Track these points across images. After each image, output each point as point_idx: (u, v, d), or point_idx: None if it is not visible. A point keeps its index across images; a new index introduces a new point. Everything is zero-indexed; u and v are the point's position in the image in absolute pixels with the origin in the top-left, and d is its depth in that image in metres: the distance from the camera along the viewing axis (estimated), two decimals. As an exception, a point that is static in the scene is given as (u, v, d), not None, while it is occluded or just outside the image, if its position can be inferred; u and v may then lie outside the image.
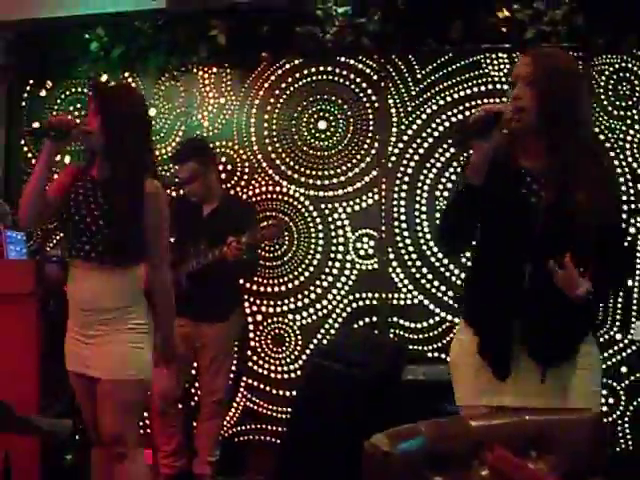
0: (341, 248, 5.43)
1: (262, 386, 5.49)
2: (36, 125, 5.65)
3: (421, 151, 5.37)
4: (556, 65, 2.74)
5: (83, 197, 3.37)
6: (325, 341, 5.38)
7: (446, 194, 5.30)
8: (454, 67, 5.36)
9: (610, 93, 5.15)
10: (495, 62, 5.30)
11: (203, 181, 5.09)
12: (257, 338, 5.51)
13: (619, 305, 5.04)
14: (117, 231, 3.27)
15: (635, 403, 5.05)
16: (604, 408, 4.91)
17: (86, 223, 3.31)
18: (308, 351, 5.39)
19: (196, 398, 5.44)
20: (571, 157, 2.65)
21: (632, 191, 5.08)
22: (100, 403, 3.33)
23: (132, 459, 3.36)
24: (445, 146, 5.33)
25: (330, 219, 5.47)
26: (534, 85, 2.68)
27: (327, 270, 5.45)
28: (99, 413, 3.34)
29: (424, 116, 5.38)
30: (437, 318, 5.26)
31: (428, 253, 5.30)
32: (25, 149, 6.00)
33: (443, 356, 5.18)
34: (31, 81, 6.01)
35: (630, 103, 5.14)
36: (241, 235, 4.66)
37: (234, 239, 4.64)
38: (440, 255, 5.27)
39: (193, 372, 5.32)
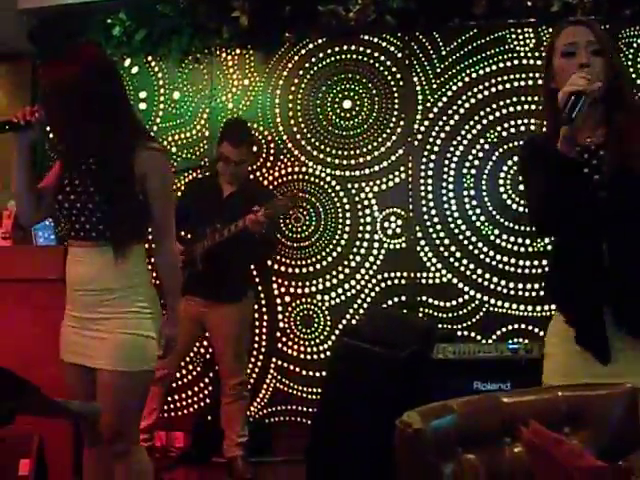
0: (368, 227, 5.42)
1: (292, 367, 5.50)
2: None
3: (447, 128, 5.33)
4: (608, 35, 2.71)
5: (78, 175, 3.14)
6: (354, 321, 5.38)
7: (473, 171, 5.27)
8: (479, 43, 5.32)
9: (639, 66, 5.07)
10: (520, 37, 5.25)
11: (247, 165, 5.20)
12: (286, 319, 5.52)
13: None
14: (111, 207, 3.06)
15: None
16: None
17: (83, 201, 3.09)
18: (337, 331, 5.39)
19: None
20: (629, 126, 2.60)
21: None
22: (101, 396, 3.07)
23: (133, 456, 3.15)
24: (472, 122, 5.29)
25: (357, 199, 5.45)
26: (600, 53, 2.62)
27: (355, 250, 5.43)
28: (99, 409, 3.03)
29: (450, 93, 5.34)
30: (466, 296, 5.23)
31: (456, 231, 5.27)
32: (50, 136, 6.01)
33: (473, 334, 5.16)
34: (55, 67, 6.03)
35: (659, 75, 5.08)
36: (258, 210, 4.66)
37: (259, 209, 4.65)
38: (468, 233, 5.24)
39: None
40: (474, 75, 5.31)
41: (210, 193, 5.11)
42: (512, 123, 5.22)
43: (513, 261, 5.16)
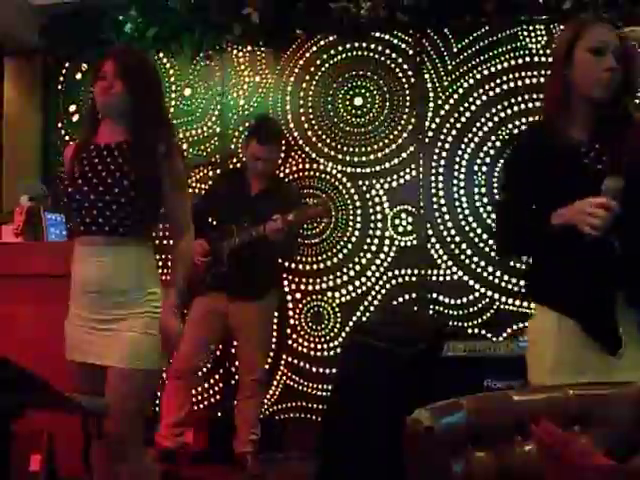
0: (379, 225, 5.41)
1: (302, 364, 5.50)
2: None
3: (458, 125, 5.32)
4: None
5: (90, 166, 3.14)
6: (364, 318, 5.37)
7: (484, 169, 5.26)
8: (490, 40, 5.30)
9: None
10: (532, 34, 5.23)
11: (275, 163, 5.24)
12: (296, 316, 5.52)
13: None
14: (141, 199, 3.08)
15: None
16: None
17: (97, 193, 3.07)
18: (347, 328, 5.39)
19: (237, 377, 5.46)
20: (629, 127, 2.63)
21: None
22: (109, 394, 3.04)
23: (137, 458, 3.13)
24: (483, 120, 5.28)
25: (368, 196, 5.45)
26: (622, 58, 2.65)
27: (365, 247, 5.43)
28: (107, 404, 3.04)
29: (461, 90, 5.33)
30: (477, 294, 5.22)
31: (467, 228, 5.26)
32: (62, 132, 6.05)
33: (483, 332, 5.15)
34: (67, 64, 6.05)
35: (672, 73, 5.04)
36: (288, 213, 4.65)
37: (280, 216, 4.64)
38: (479, 230, 5.23)
39: (233, 351, 5.35)
40: (485, 72, 5.30)
41: (239, 189, 5.09)
42: (524, 120, 5.20)
43: (524, 258, 5.13)
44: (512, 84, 5.25)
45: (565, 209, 2.54)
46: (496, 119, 5.26)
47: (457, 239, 5.28)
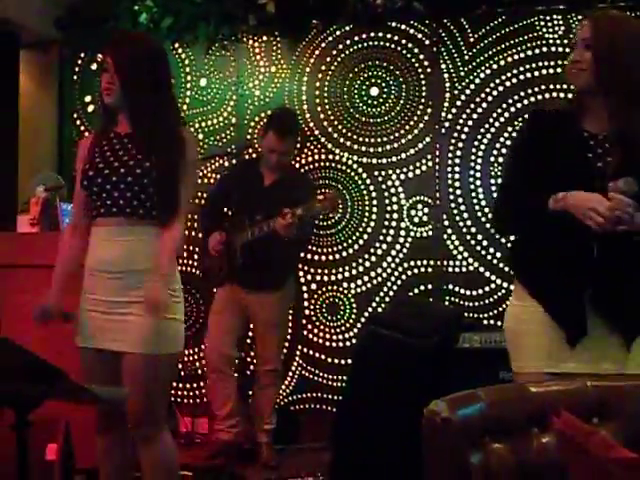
0: (395, 215, 5.40)
1: (317, 354, 5.50)
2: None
3: (475, 116, 5.30)
4: (617, 29, 2.68)
5: (111, 152, 3.14)
6: (380, 309, 5.37)
7: (500, 159, 5.23)
8: (507, 30, 5.28)
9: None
10: (549, 24, 5.20)
11: (291, 155, 5.23)
12: (312, 307, 5.52)
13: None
14: (161, 181, 3.06)
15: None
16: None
17: (119, 175, 3.07)
18: (363, 319, 5.38)
19: (252, 367, 5.47)
20: (633, 123, 2.61)
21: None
22: (127, 380, 3.04)
23: (159, 441, 3.14)
24: (500, 110, 5.25)
25: (384, 186, 5.44)
26: (591, 48, 2.64)
27: (381, 238, 5.42)
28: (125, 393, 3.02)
29: (477, 80, 5.31)
30: (493, 285, 5.21)
31: (483, 219, 5.24)
32: (78, 122, 6.05)
33: (499, 323, 5.13)
34: (82, 54, 6.05)
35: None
36: (296, 208, 4.62)
37: (289, 211, 4.62)
38: (495, 221, 5.21)
39: (249, 341, 5.36)
40: (502, 62, 5.28)
41: (252, 179, 5.08)
42: (540, 111, 5.18)
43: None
44: (529, 74, 5.23)
45: (566, 195, 2.54)
46: (513, 110, 5.24)
47: (473, 230, 5.26)
